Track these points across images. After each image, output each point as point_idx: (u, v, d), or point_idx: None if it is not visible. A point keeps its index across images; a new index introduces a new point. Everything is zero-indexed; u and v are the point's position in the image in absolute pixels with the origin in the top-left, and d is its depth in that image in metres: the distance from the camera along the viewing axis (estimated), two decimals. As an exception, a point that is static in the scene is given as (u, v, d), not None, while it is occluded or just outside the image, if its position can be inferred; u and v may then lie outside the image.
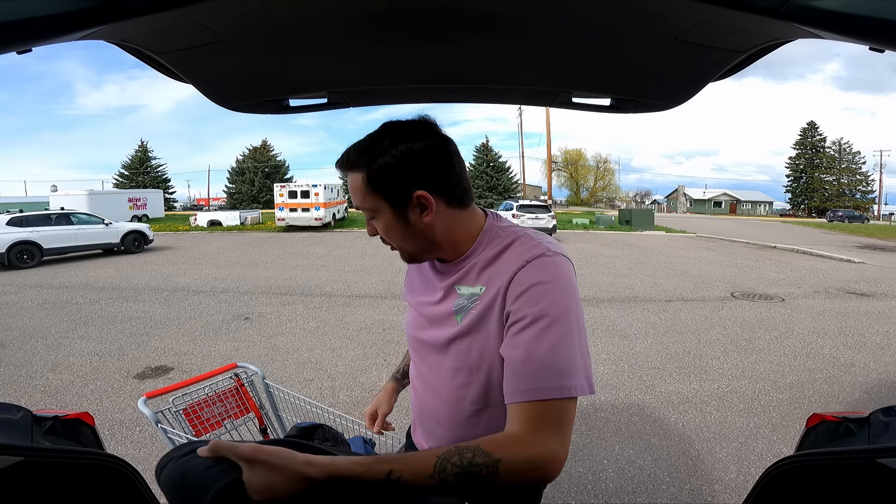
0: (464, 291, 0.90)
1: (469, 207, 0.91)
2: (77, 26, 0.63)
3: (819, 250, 13.85)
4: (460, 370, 0.93)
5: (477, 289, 0.87)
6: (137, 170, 46.65)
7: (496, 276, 0.85)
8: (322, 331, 5.32)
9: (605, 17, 0.80)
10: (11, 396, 3.54)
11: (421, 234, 0.88)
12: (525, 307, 0.77)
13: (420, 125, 0.86)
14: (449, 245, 0.91)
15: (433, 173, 0.84)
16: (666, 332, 5.32)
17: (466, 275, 0.90)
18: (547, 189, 36.00)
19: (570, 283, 0.81)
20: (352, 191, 0.87)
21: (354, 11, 0.80)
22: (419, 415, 1.09)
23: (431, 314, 0.97)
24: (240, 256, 11.81)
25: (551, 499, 2.36)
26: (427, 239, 0.89)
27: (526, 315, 0.76)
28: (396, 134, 0.84)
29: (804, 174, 54.89)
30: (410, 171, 0.83)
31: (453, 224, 0.89)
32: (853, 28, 0.62)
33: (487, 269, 0.87)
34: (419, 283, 1.05)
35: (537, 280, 0.78)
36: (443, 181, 0.86)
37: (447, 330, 0.93)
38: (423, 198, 0.83)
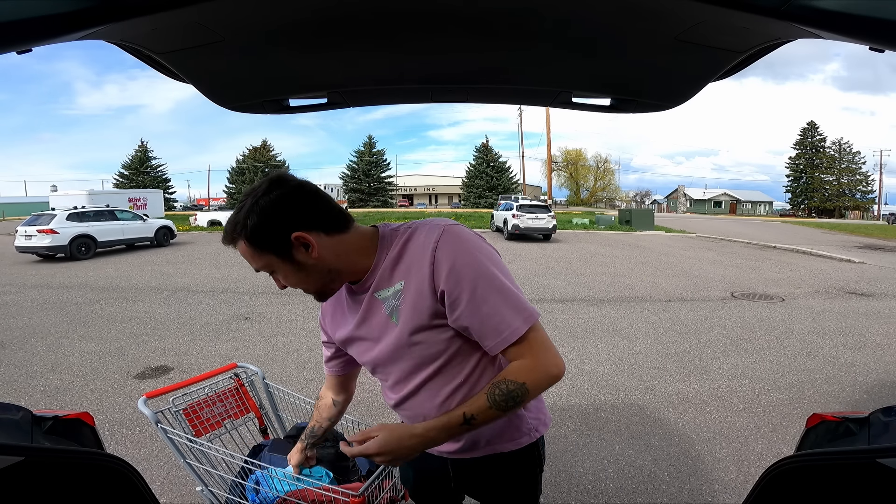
0: (385, 294, 0.96)
1: (350, 229, 0.96)
2: (77, 26, 0.63)
3: (819, 250, 13.84)
4: (423, 363, 0.98)
5: (397, 285, 0.94)
6: (137, 170, 46.67)
7: (410, 266, 0.92)
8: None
9: (605, 16, 0.80)
10: (11, 396, 3.54)
11: (316, 270, 0.93)
12: (458, 279, 0.87)
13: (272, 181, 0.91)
14: (348, 267, 0.96)
15: (299, 213, 0.90)
16: (666, 332, 5.31)
17: (380, 281, 0.96)
18: (547, 189, 36.00)
19: (475, 242, 0.92)
20: (246, 257, 0.93)
21: (354, 11, 0.80)
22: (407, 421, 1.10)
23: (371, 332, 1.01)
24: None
25: (551, 499, 2.36)
26: (324, 271, 0.94)
27: (463, 284, 0.87)
28: (255, 195, 0.89)
29: (804, 174, 54.88)
30: (278, 220, 0.88)
31: (342, 248, 0.94)
32: (853, 28, 0.62)
33: (397, 266, 0.94)
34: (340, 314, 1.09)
35: (453, 252, 0.88)
36: (312, 216, 0.91)
37: (391, 335, 0.97)
38: (301, 238, 0.89)
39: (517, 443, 1.06)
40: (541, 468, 1.14)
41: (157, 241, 14.26)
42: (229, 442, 1.73)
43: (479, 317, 0.88)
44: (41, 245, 11.26)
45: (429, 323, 0.92)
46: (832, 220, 39.14)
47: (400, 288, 0.93)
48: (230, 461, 1.52)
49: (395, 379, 1.04)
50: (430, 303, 0.90)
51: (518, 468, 1.09)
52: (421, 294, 0.90)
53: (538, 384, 0.89)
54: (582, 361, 4.34)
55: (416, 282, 0.90)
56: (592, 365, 4.26)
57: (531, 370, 0.89)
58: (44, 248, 11.27)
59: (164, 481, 2.47)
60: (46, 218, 11.73)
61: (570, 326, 5.40)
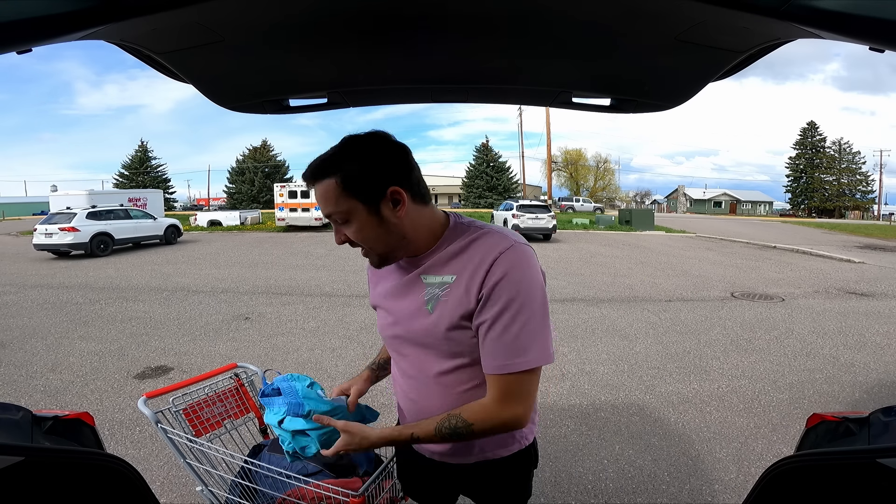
0: (432, 281, 0.95)
1: (430, 205, 0.97)
2: (77, 26, 0.63)
3: (819, 250, 13.84)
4: (443, 357, 0.98)
5: (448, 278, 0.93)
6: (137, 170, 46.65)
7: (467, 264, 0.92)
8: (322, 331, 5.32)
9: (605, 17, 0.80)
10: (11, 396, 3.54)
11: (394, 230, 0.92)
12: (500, 293, 0.87)
13: (377, 135, 0.92)
14: (417, 239, 0.95)
15: (400, 171, 0.91)
16: (666, 332, 5.31)
17: (433, 266, 0.96)
18: (547, 189, 35.98)
19: (536, 270, 0.92)
20: (322, 199, 0.90)
21: (354, 12, 0.80)
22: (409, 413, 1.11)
23: (401, 309, 1.01)
24: (240, 256, 11.80)
25: (551, 499, 2.36)
26: (399, 234, 0.93)
27: (500, 300, 0.87)
28: (360, 142, 0.90)
29: (804, 174, 54.86)
30: (381, 170, 0.89)
31: (420, 218, 0.94)
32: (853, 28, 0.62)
33: (455, 259, 0.94)
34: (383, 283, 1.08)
35: (510, 269, 0.88)
36: (408, 178, 0.92)
37: (420, 321, 0.97)
38: (396, 192, 0.89)
39: (508, 449, 1.07)
40: (535, 467, 1.15)
41: (166, 238, 14.89)
42: (229, 442, 1.73)
43: (493, 333, 0.89)
44: (63, 242, 11.72)
45: (460, 323, 0.93)
46: (832, 220, 39.13)
47: (449, 281, 0.93)
48: (230, 461, 1.51)
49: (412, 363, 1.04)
50: (470, 303, 0.90)
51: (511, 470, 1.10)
52: (467, 293, 0.91)
53: (485, 428, 0.93)
54: (582, 361, 4.34)
55: (467, 281, 0.91)
56: (592, 365, 4.26)
57: (487, 413, 0.92)
58: (66, 245, 11.74)
59: (164, 481, 2.47)
60: (65, 216, 12.18)
61: (570, 326, 5.40)
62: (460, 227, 0.98)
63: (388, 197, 0.89)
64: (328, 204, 0.90)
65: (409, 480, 1.25)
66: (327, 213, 0.92)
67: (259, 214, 25.28)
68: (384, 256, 0.97)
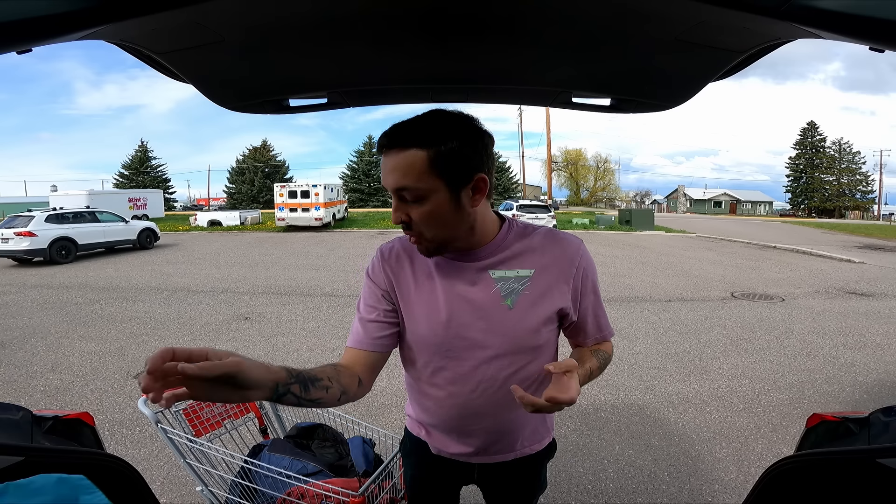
0: (506, 275, 0.94)
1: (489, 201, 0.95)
2: (77, 26, 0.63)
3: (819, 250, 13.84)
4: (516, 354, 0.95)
5: (526, 272, 0.94)
6: (137, 170, 46.67)
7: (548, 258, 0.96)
8: (322, 331, 5.32)
9: (605, 17, 0.80)
10: (11, 396, 3.54)
11: (466, 219, 0.89)
12: (589, 281, 1.01)
13: (469, 116, 0.88)
14: (481, 232, 0.94)
15: (487, 160, 0.88)
16: (666, 332, 5.32)
17: (503, 260, 0.95)
18: (547, 189, 35.99)
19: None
20: (402, 169, 0.81)
21: (354, 12, 0.80)
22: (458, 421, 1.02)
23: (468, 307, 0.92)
24: (240, 256, 11.80)
25: (551, 499, 2.36)
26: (468, 224, 0.90)
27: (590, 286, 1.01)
28: (455, 120, 0.85)
29: (804, 174, 54.86)
30: (475, 155, 0.85)
31: (486, 211, 0.93)
32: (853, 28, 0.62)
33: (528, 254, 0.96)
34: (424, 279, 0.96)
35: (591, 263, 1.02)
36: (492, 168, 0.90)
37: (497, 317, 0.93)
38: (482, 180, 0.86)
39: (542, 443, 1.10)
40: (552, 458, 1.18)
41: (140, 243, 13.66)
42: (229, 442, 1.73)
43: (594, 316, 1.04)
44: (19, 248, 10.53)
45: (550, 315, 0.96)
46: (832, 220, 39.13)
47: (528, 275, 0.94)
48: (230, 461, 1.52)
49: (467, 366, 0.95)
50: (563, 298, 0.96)
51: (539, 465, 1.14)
52: (556, 288, 0.95)
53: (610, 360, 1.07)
54: (582, 361, 4.34)
55: (554, 276, 0.95)
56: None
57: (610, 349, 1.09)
58: (21, 251, 10.55)
59: (164, 481, 2.47)
60: (24, 220, 10.97)
61: (570, 326, 5.38)
62: (519, 225, 1.00)
63: (472, 183, 0.85)
64: (408, 177, 0.81)
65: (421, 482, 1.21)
66: (401, 185, 0.82)
67: (259, 214, 25.29)
68: (443, 244, 0.90)
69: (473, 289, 0.93)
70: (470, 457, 1.06)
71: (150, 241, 14.11)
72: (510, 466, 1.09)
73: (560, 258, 0.96)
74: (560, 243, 0.98)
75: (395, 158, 0.82)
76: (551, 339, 1.00)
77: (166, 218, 29.61)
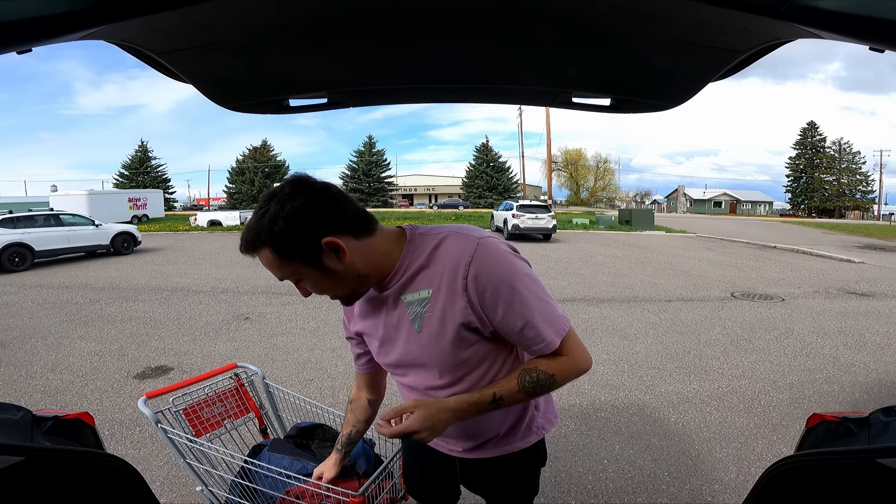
0: (411, 299, 0.94)
1: (376, 231, 0.93)
2: (77, 26, 0.63)
3: (819, 250, 13.84)
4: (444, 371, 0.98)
5: (424, 292, 0.92)
6: (137, 170, 46.67)
7: (440, 276, 0.90)
8: (322, 331, 5.32)
9: (605, 17, 0.80)
10: (11, 396, 3.53)
11: (347, 276, 0.90)
12: (496, 291, 0.88)
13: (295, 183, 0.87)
14: (376, 271, 0.94)
15: (328, 217, 0.86)
16: (666, 332, 5.31)
17: (408, 284, 0.94)
18: (547, 189, 35.99)
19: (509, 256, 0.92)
20: (267, 267, 0.89)
21: (354, 11, 0.80)
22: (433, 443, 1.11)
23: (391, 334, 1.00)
24: (240, 256, 11.58)
25: (551, 499, 2.36)
26: (353, 276, 0.91)
27: (500, 296, 0.88)
28: (279, 199, 0.84)
29: (804, 174, 54.85)
30: (307, 225, 0.84)
31: (370, 252, 0.92)
32: (853, 28, 0.62)
33: (424, 272, 0.93)
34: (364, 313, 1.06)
35: (488, 267, 0.88)
36: (341, 220, 0.88)
37: (413, 341, 0.97)
38: (331, 243, 0.86)
39: (525, 441, 1.09)
40: (543, 464, 1.17)
41: (115, 248, 12.33)
42: (229, 442, 1.73)
43: (515, 332, 0.91)
44: None
45: (457, 335, 0.92)
46: (832, 220, 39.12)
47: (427, 296, 0.92)
48: (230, 461, 1.51)
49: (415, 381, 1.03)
50: (462, 316, 0.90)
51: (523, 466, 1.12)
52: (452, 305, 0.90)
53: (566, 377, 0.96)
54: (582, 361, 4.34)
55: (447, 293, 0.90)
56: (592, 365, 4.25)
57: (562, 364, 0.95)
58: None
59: (164, 481, 2.47)
60: None
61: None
62: (419, 238, 0.96)
63: (325, 250, 0.86)
64: (275, 271, 0.89)
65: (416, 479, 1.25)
66: (277, 277, 0.90)
67: (259, 214, 25.22)
68: (350, 296, 0.97)
69: (392, 314, 0.98)
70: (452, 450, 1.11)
71: (126, 247, 12.69)
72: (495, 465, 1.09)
73: (446, 271, 0.90)
74: (448, 252, 0.91)
75: (261, 260, 0.89)
76: (481, 350, 0.96)
77: (166, 218, 29.64)
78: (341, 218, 0.88)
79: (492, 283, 0.87)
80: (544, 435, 1.12)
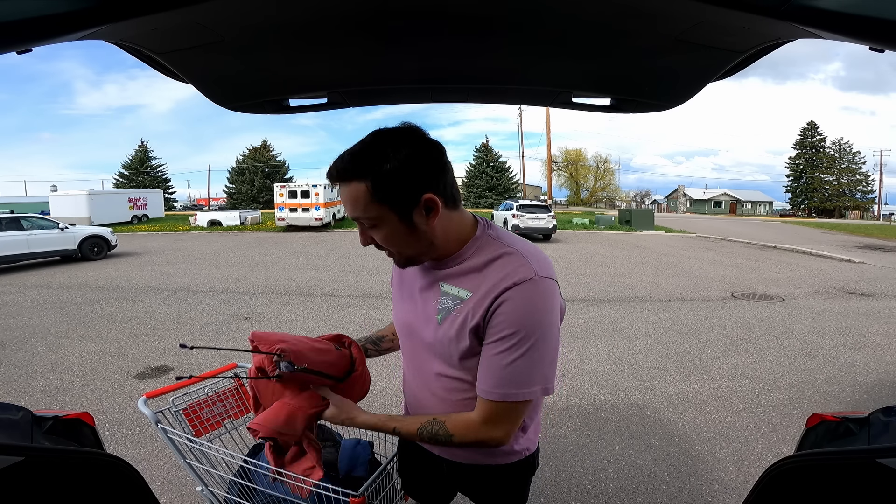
0: (448, 291, 0.93)
1: (459, 209, 0.93)
2: (77, 26, 0.63)
3: (819, 250, 13.84)
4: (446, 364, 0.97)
5: (463, 293, 0.90)
6: (137, 170, 46.68)
7: (483, 284, 0.88)
8: (322, 331, 5.31)
9: (605, 17, 0.80)
10: (11, 396, 3.54)
11: (424, 237, 0.89)
12: (505, 324, 0.84)
13: (411, 130, 0.86)
14: (444, 245, 0.92)
15: (435, 175, 0.85)
16: (666, 332, 5.31)
17: (453, 275, 0.93)
18: (547, 189, 35.98)
19: (550, 306, 0.86)
20: (350, 201, 0.85)
21: (354, 11, 0.80)
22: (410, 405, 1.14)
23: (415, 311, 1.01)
24: (240, 256, 11.80)
25: (551, 499, 2.36)
26: (428, 241, 0.90)
27: (503, 331, 0.84)
28: (393, 140, 0.83)
29: (804, 174, 54.83)
30: (416, 175, 0.83)
31: (450, 225, 0.91)
32: (853, 28, 0.62)
33: (474, 274, 0.90)
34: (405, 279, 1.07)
35: (521, 303, 0.84)
36: (443, 183, 0.87)
37: (428, 329, 0.97)
38: (430, 200, 0.84)
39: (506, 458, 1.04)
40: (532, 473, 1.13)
41: (83, 254, 11.22)
42: (229, 442, 1.73)
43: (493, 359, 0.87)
44: None
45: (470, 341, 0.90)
46: (832, 220, 39.12)
47: (464, 297, 0.90)
48: (230, 461, 1.51)
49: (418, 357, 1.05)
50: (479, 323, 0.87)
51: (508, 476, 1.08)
52: (475, 313, 0.87)
53: (464, 442, 0.93)
54: (582, 361, 4.34)
55: (478, 301, 0.87)
56: (592, 365, 4.26)
57: (468, 430, 0.92)
58: None
59: (164, 481, 2.47)
60: None
61: (571, 326, 5.39)
62: (487, 239, 0.93)
63: (421, 205, 0.84)
64: (356, 208, 0.85)
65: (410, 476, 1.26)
66: (354, 216, 0.87)
67: (259, 214, 25.30)
68: (410, 259, 0.95)
69: (424, 294, 0.99)
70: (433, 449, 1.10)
71: (96, 252, 11.49)
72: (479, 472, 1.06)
73: (490, 281, 0.87)
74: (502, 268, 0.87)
75: (344, 191, 0.85)
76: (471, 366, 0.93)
77: (166, 218, 29.65)
78: (444, 180, 0.86)
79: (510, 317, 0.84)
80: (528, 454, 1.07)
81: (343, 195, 0.86)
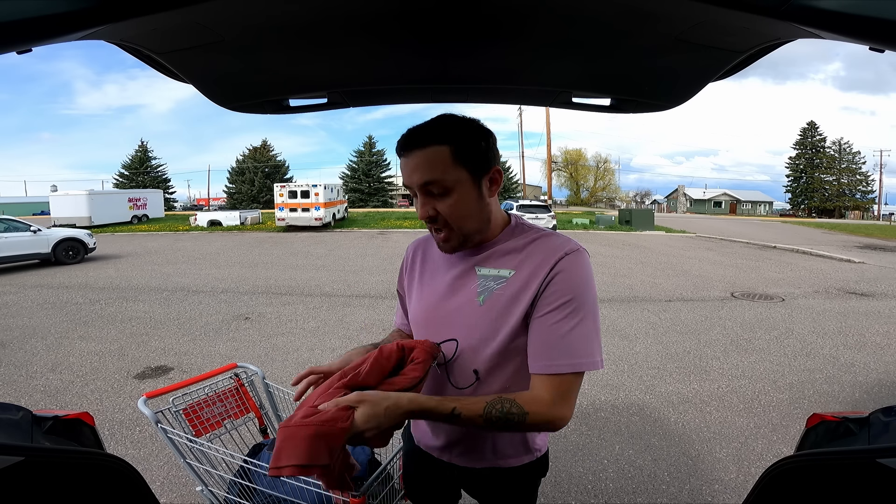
0: (487, 273, 0.95)
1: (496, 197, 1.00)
2: (77, 26, 0.63)
3: (819, 250, 13.84)
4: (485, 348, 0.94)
5: (504, 272, 0.93)
6: (137, 170, 46.72)
7: (527, 261, 0.92)
8: (322, 331, 5.32)
9: (605, 16, 0.80)
10: (11, 396, 3.54)
11: (486, 209, 0.95)
12: (559, 293, 0.87)
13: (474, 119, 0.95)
14: (487, 227, 0.98)
15: (497, 154, 0.95)
16: (666, 332, 5.31)
17: (491, 258, 0.96)
18: (547, 189, 35.99)
19: (591, 274, 0.92)
20: (427, 165, 0.88)
21: (354, 11, 0.80)
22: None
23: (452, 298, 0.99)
24: (240, 256, 11.80)
25: (551, 499, 2.36)
26: (487, 216, 0.96)
27: (559, 300, 0.87)
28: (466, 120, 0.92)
29: (804, 174, 54.83)
30: (489, 147, 0.92)
31: (496, 206, 0.99)
32: (853, 28, 0.62)
33: (514, 254, 0.95)
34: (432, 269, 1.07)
35: (575, 271, 0.89)
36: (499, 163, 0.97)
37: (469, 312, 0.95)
38: (497, 172, 0.94)
39: (520, 460, 1.05)
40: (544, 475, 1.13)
41: (57, 258, 10.56)
42: (229, 442, 1.73)
43: (547, 332, 0.87)
44: None
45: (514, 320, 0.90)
46: (832, 220, 39.12)
47: (507, 275, 0.93)
48: (230, 461, 1.52)
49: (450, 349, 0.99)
50: (528, 299, 0.89)
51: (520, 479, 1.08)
52: (525, 290, 0.90)
53: (537, 423, 0.87)
54: (582, 361, 4.34)
55: (527, 277, 0.90)
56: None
57: (542, 405, 0.86)
58: None
59: (164, 481, 2.47)
60: None
61: (570, 326, 5.38)
62: (522, 226, 1.00)
63: (490, 173, 0.92)
64: (434, 170, 0.87)
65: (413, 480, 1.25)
66: (428, 179, 0.88)
67: (259, 214, 25.30)
68: (467, 237, 0.95)
69: (460, 282, 0.99)
70: (442, 453, 1.08)
71: (71, 256, 10.81)
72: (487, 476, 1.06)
73: (536, 258, 0.91)
74: (546, 245, 0.93)
75: (419, 156, 0.88)
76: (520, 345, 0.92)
77: (166, 218, 29.64)
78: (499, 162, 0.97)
79: (568, 281, 0.87)
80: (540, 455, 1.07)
81: (416, 160, 0.89)
